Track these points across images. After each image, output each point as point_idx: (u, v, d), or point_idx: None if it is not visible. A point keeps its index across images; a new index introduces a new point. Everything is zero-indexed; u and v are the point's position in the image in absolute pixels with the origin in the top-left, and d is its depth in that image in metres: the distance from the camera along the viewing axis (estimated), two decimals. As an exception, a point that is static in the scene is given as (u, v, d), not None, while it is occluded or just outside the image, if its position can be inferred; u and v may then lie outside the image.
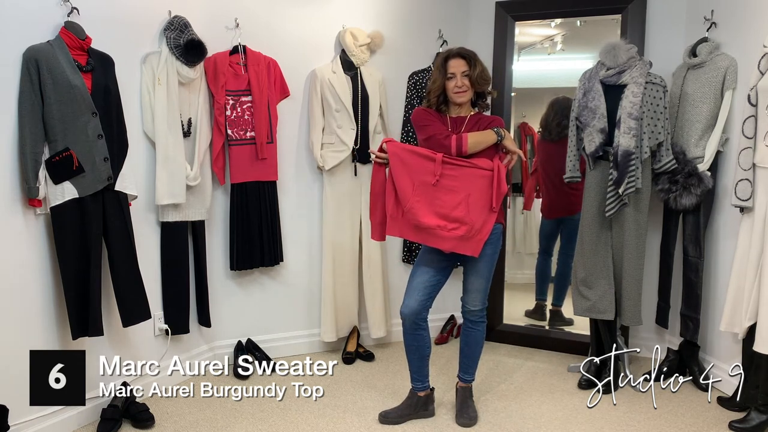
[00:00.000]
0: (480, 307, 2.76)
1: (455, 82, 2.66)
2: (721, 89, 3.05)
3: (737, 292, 2.83)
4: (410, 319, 2.70)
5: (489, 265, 2.73)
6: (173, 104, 2.96)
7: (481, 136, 2.64)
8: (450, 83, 2.67)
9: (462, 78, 2.66)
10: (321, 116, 3.53)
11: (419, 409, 2.85)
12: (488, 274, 2.74)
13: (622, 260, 3.19)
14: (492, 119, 2.75)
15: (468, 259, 2.72)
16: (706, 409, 2.92)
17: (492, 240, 2.68)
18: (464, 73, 2.66)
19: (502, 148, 2.69)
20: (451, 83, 2.67)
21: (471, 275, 2.74)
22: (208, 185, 3.24)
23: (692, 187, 3.06)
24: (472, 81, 2.67)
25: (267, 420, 2.82)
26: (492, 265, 2.74)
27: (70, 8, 2.55)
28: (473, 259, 2.68)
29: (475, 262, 2.71)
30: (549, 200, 3.97)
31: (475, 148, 2.62)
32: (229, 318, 3.48)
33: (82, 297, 2.54)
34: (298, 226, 3.62)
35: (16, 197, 2.43)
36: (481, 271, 2.72)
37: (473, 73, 2.67)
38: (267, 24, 3.43)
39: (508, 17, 3.81)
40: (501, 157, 2.69)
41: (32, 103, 2.40)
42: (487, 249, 2.68)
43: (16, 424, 2.41)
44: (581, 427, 2.78)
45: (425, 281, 2.70)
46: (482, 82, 2.70)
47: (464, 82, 2.66)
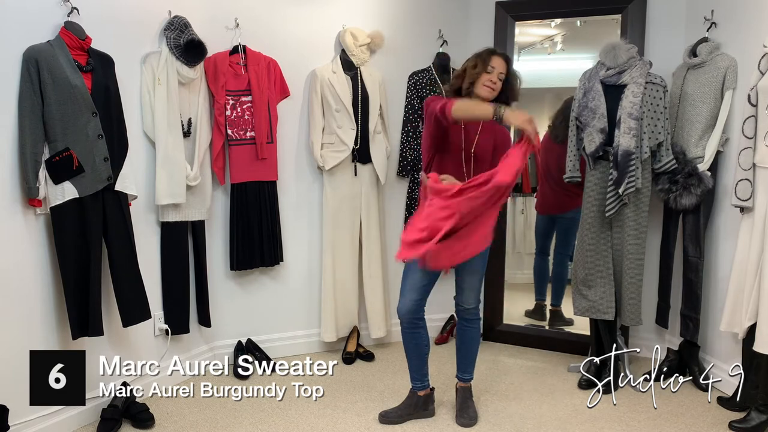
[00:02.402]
0: (474, 305, 2.77)
1: (491, 77, 2.64)
2: (721, 89, 3.05)
3: (737, 292, 2.83)
4: (406, 318, 2.71)
5: (482, 262, 2.74)
6: (173, 104, 2.96)
7: (472, 105, 2.55)
8: (485, 76, 2.64)
9: (498, 78, 2.65)
10: (321, 116, 3.53)
11: (419, 408, 2.85)
12: (482, 272, 2.76)
13: (622, 260, 3.18)
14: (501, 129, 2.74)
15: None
16: (706, 409, 2.92)
17: None
18: (501, 74, 2.66)
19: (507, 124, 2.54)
20: (488, 76, 2.64)
21: (465, 274, 2.75)
22: (208, 185, 3.24)
23: (692, 187, 3.06)
24: (505, 86, 2.67)
25: (267, 420, 2.82)
26: (485, 263, 2.76)
27: (70, 8, 2.55)
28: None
29: (468, 261, 2.71)
30: (544, 197, 3.97)
31: (461, 114, 2.50)
32: (229, 318, 3.48)
33: (82, 297, 2.54)
34: (298, 226, 3.62)
35: (16, 197, 2.43)
36: (475, 269, 2.72)
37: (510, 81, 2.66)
38: (267, 24, 3.43)
39: (508, 17, 3.81)
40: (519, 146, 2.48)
41: (32, 103, 2.40)
42: None
43: (16, 424, 2.40)
44: (581, 427, 2.78)
45: (419, 279, 2.70)
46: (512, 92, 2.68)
47: (498, 82, 2.65)
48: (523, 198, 4.20)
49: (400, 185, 3.83)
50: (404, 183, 3.83)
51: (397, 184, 3.82)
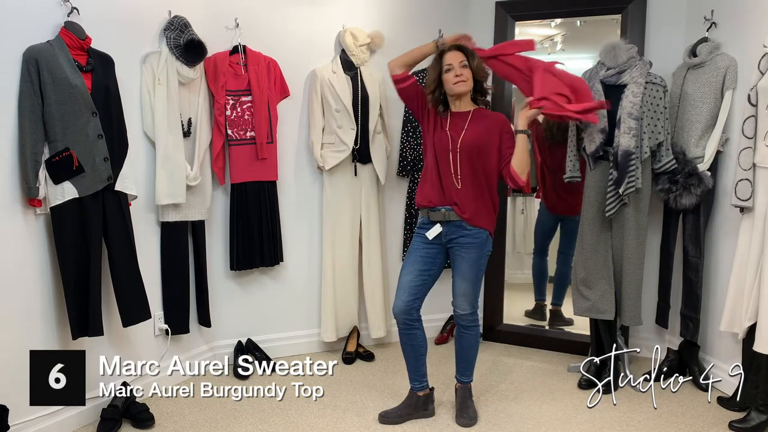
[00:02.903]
0: (469, 311, 2.74)
1: (454, 72, 2.64)
2: (721, 89, 3.05)
3: (737, 292, 2.83)
4: (401, 318, 2.71)
5: (474, 269, 2.71)
6: (173, 104, 2.96)
7: (408, 51, 2.80)
8: (449, 75, 2.65)
9: (461, 68, 2.65)
10: (321, 116, 3.53)
11: (419, 408, 2.85)
12: (474, 278, 2.72)
13: (622, 260, 3.18)
14: (496, 116, 2.75)
15: (455, 263, 2.73)
16: (706, 409, 2.92)
17: (476, 244, 2.68)
18: (462, 63, 2.65)
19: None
20: (450, 74, 2.65)
21: (457, 279, 2.73)
22: (208, 185, 3.24)
23: (692, 187, 3.06)
24: (474, 70, 2.67)
25: (267, 420, 2.82)
26: (478, 270, 2.73)
27: (70, 8, 2.55)
28: (459, 262, 2.70)
29: (459, 267, 2.71)
30: (552, 199, 3.96)
31: (402, 61, 2.78)
32: (229, 318, 3.48)
33: (82, 297, 2.54)
34: (298, 226, 3.62)
35: (16, 197, 2.43)
36: (465, 274, 2.70)
37: (472, 63, 2.67)
38: (267, 24, 3.43)
39: (508, 17, 3.81)
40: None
41: (32, 103, 2.40)
42: (472, 254, 2.68)
43: (16, 424, 2.40)
44: (581, 427, 2.78)
45: (410, 281, 2.71)
46: (483, 73, 2.70)
47: (463, 72, 2.65)
48: (523, 198, 4.19)
49: (400, 185, 3.83)
50: (404, 183, 3.83)
51: (397, 184, 3.82)
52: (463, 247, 2.69)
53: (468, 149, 2.66)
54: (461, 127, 2.69)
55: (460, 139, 2.67)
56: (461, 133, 2.68)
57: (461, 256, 2.70)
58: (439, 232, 2.70)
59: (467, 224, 2.68)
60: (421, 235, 2.75)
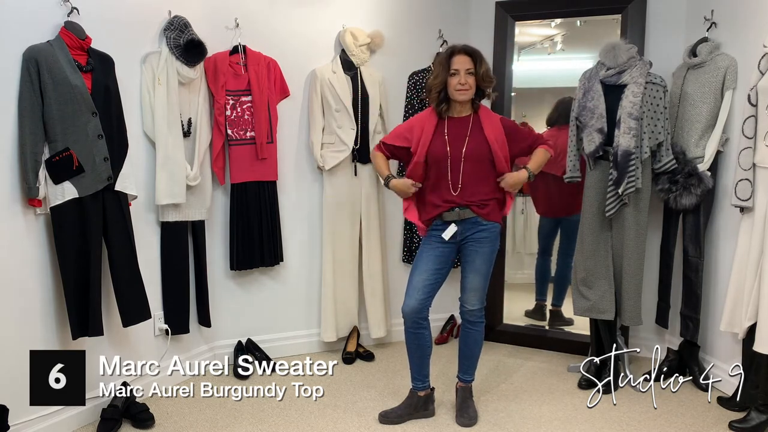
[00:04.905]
0: (478, 307, 2.75)
1: (458, 79, 2.61)
2: (721, 89, 3.05)
3: (737, 292, 2.83)
4: (411, 318, 2.70)
5: (488, 264, 2.73)
6: (173, 104, 2.96)
7: (376, 164, 2.90)
8: (453, 80, 2.63)
9: (466, 75, 2.62)
10: (321, 116, 3.53)
11: (419, 408, 2.85)
12: (486, 272, 2.74)
13: (622, 260, 3.18)
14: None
15: (468, 258, 2.72)
16: (706, 409, 2.92)
17: (490, 238, 2.69)
18: (468, 70, 2.62)
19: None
20: (454, 80, 2.62)
21: (469, 274, 2.74)
22: (208, 185, 3.24)
23: (692, 187, 3.06)
24: (478, 79, 2.64)
25: (267, 420, 2.81)
26: (490, 264, 2.75)
27: (70, 8, 2.55)
28: (474, 257, 2.69)
29: (473, 261, 2.71)
30: (549, 200, 3.97)
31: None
32: (229, 318, 3.48)
33: (82, 297, 2.54)
34: (298, 226, 3.62)
35: (16, 197, 2.43)
36: (480, 269, 2.72)
37: (479, 71, 2.63)
38: (267, 24, 3.43)
39: (508, 17, 3.81)
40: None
41: (32, 103, 2.40)
42: (486, 248, 2.69)
43: (16, 424, 2.40)
44: (581, 427, 2.78)
45: (424, 280, 2.70)
46: (487, 81, 2.66)
47: (468, 80, 2.62)
48: (523, 198, 4.19)
49: (400, 185, 3.83)
50: (404, 183, 3.83)
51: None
52: (479, 242, 2.70)
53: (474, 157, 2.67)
54: (463, 135, 2.68)
55: (464, 148, 2.66)
56: (464, 141, 2.67)
57: (476, 251, 2.71)
58: (455, 231, 2.70)
59: (483, 219, 2.68)
60: (435, 236, 2.74)
